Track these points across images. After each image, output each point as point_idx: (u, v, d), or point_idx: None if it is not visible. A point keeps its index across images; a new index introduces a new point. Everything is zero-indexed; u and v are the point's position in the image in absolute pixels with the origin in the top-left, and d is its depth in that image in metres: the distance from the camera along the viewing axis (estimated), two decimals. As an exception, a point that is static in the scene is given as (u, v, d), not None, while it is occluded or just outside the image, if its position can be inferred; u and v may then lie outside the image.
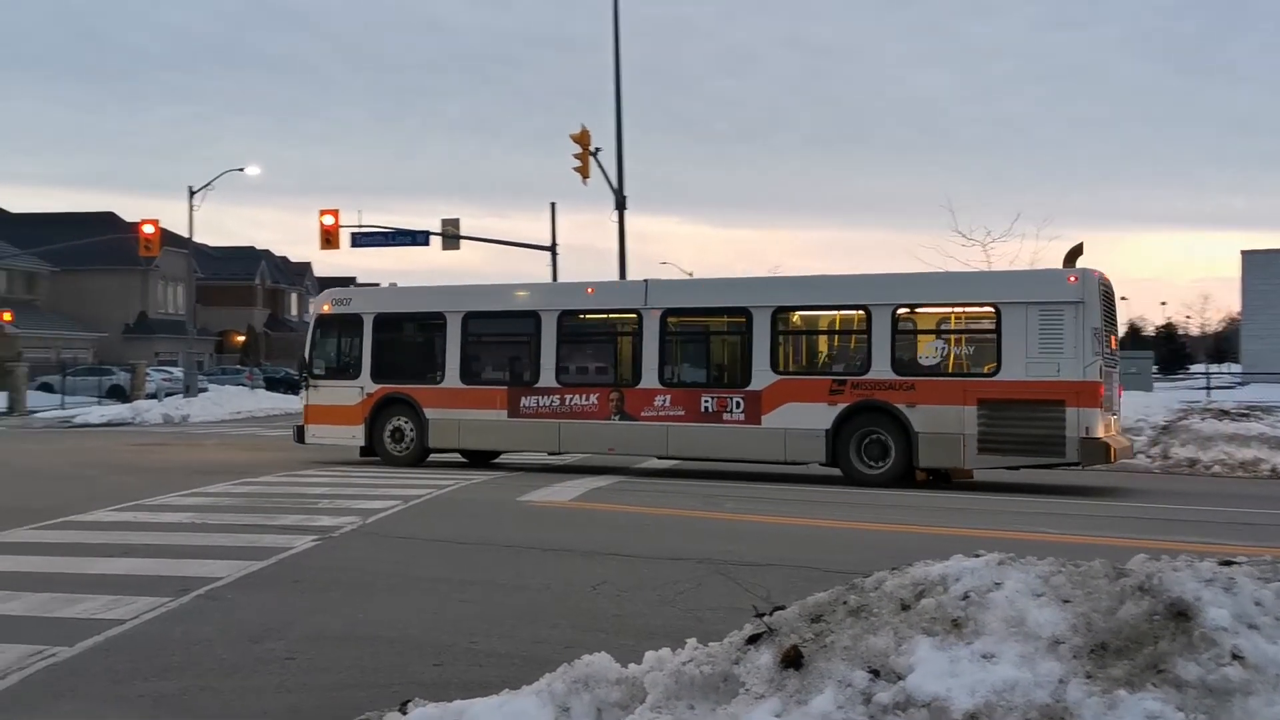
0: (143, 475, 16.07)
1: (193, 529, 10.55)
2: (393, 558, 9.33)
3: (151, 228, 35.66)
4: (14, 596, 7.45)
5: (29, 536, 10.08)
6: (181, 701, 5.35)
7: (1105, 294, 14.55)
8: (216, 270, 70.49)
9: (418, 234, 33.50)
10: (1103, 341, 14.09)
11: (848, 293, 16.05)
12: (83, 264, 58.54)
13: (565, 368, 17.09)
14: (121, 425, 31.62)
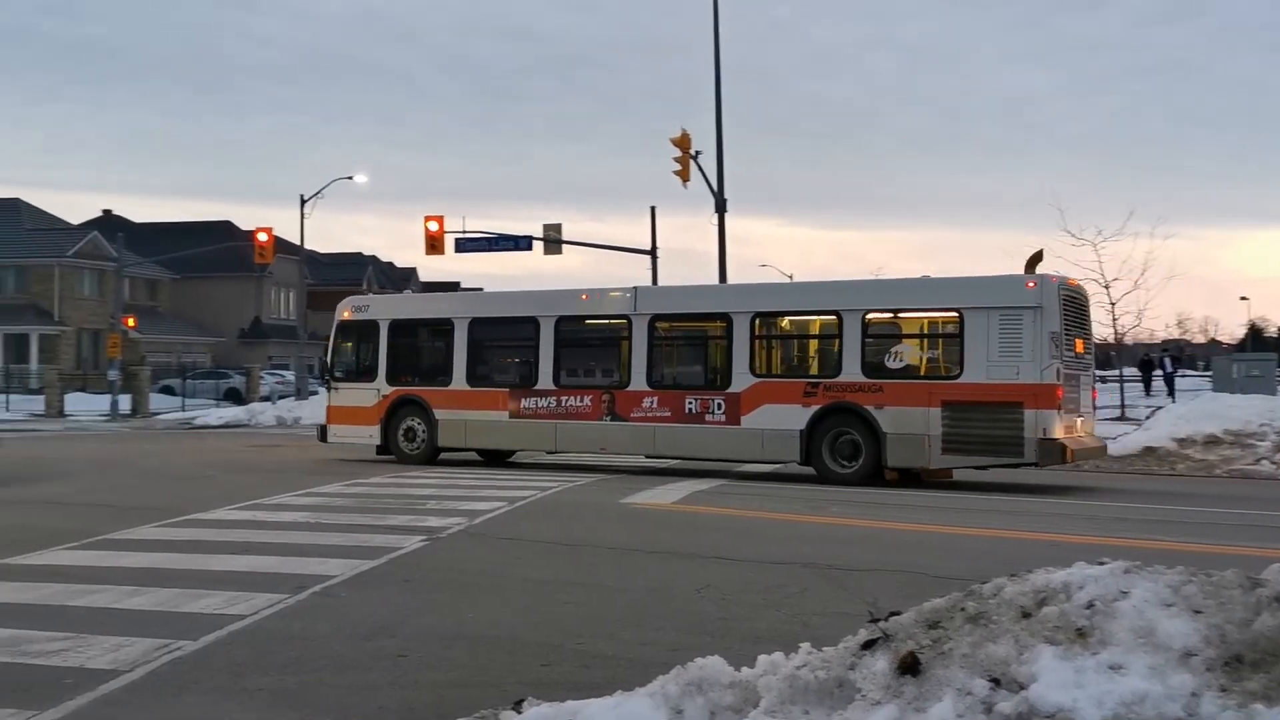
0: (259, 475, 16.59)
1: (308, 528, 10.84)
2: (499, 558, 9.45)
3: (265, 235, 36.79)
4: (140, 591, 7.73)
5: (154, 534, 10.48)
6: (300, 695, 5.49)
7: (1068, 299, 14.98)
8: (326, 276, 72.36)
9: (520, 239, 33.94)
10: (1062, 345, 14.42)
11: (821, 299, 16.69)
12: (201, 271, 60.73)
13: (561, 371, 17.83)
14: (238, 427, 32.72)
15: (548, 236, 33.40)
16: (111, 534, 10.34)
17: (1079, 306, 15.63)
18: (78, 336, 55.45)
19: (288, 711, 5.27)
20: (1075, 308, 15.35)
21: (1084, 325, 15.79)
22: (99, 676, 5.67)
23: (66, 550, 9.50)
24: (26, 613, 7.09)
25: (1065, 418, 14.50)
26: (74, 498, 13.77)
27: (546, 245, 33.48)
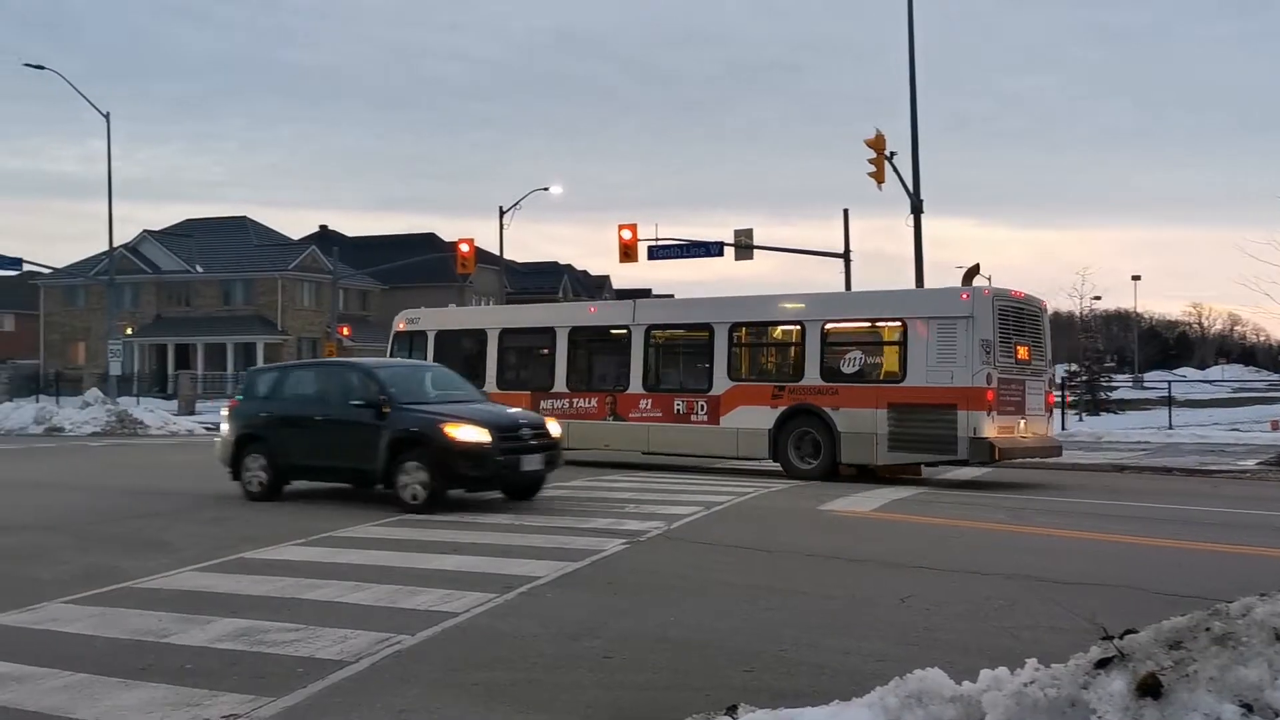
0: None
1: (512, 530, 11.17)
2: (699, 562, 9.49)
3: (467, 246, 38.16)
4: (362, 587, 8.15)
5: (373, 532, 11.03)
6: (511, 692, 5.66)
7: (1005, 310, 16.11)
8: (523, 284, 74.61)
9: (711, 245, 34.01)
10: (995, 352, 15.52)
11: (786, 310, 18.24)
12: (408, 281, 63.59)
13: (573, 375, 19.85)
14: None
15: (739, 242, 33.33)
16: (334, 531, 10.94)
17: (1020, 316, 16.67)
18: (298, 344, 59.08)
19: (501, 707, 5.44)
20: (1015, 318, 16.44)
21: (1028, 333, 16.76)
22: (328, 666, 6.01)
23: (296, 546, 10.12)
24: (262, 604, 7.58)
25: (999, 419, 15.62)
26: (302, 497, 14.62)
27: (737, 251, 33.41)
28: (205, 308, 59.93)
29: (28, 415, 33.95)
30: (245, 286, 59.68)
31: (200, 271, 59.21)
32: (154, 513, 12.84)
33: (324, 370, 15.08)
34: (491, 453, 12.40)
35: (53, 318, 63.24)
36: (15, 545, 10.40)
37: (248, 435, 14.09)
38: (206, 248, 61.35)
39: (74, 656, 6.24)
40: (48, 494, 15.23)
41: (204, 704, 5.36)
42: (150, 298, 60.70)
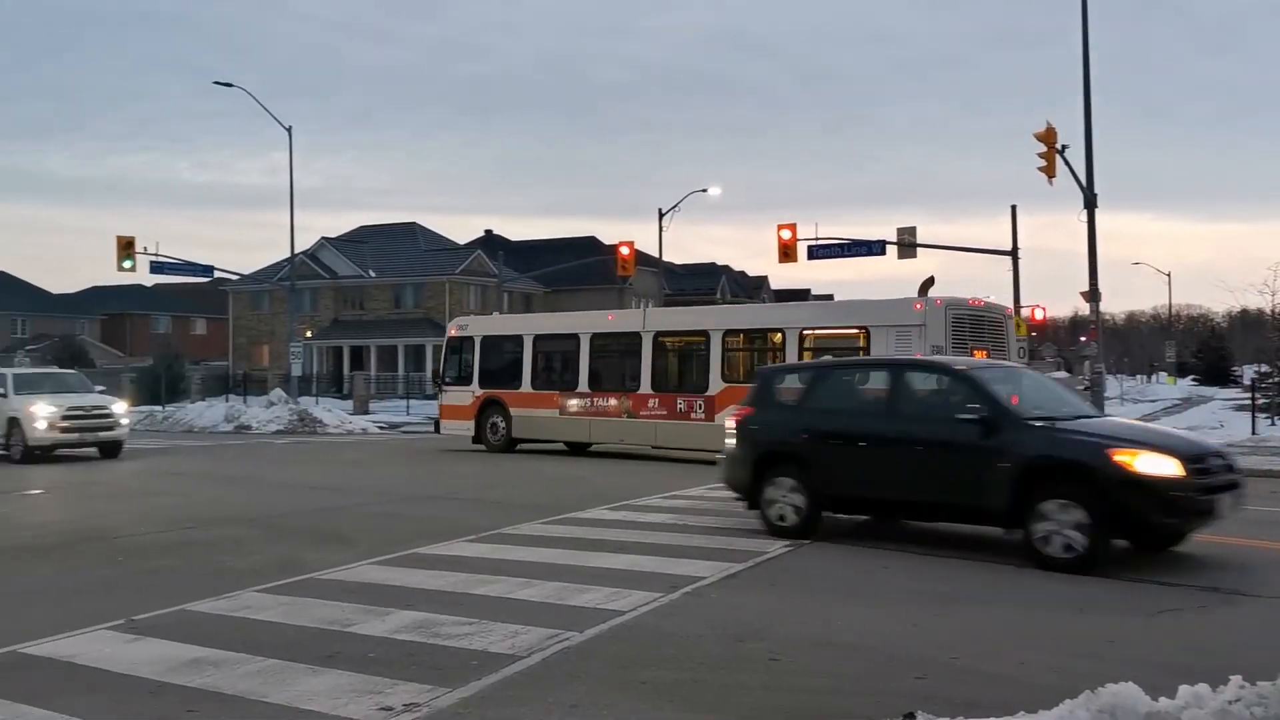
0: (623, 478, 17.38)
1: (675, 529, 11.24)
2: (864, 566, 9.35)
3: (627, 249, 38.57)
4: (530, 584, 8.34)
5: (540, 530, 11.28)
6: (678, 691, 5.70)
7: (958, 318, 17.69)
8: (682, 286, 74.91)
9: (873, 244, 33.41)
10: (944, 353, 16.71)
11: (770, 318, 20.99)
12: (569, 284, 64.77)
13: (594, 376, 21.88)
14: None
15: (901, 240, 32.63)
16: (504, 529, 11.23)
17: (979, 323, 18.23)
18: (464, 347, 60.79)
19: (669, 706, 5.48)
20: (971, 324, 18.00)
21: (987, 338, 18.21)
22: (500, 660, 6.18)
23: (467, 542, 10.44)
24: (437, 598, 7.85)
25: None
26: (469, 494, 15.08)
27: (900, 249, 32.71)
28: (378, 311, 62.36)
29: (219, 414, 36.09)
30: (415, 290, 61.82)
31: (373, 276, 61.62)
32: (334, 507, 13.45)
33: (887, 371, 11.35)
34: (1187, 491, 8.95)
35: (240, 321, 66.90)
36: (214, 537, 11.07)
37: (774, 454, 11.27)
38: (379, 253, 63.82)
39: (265, 643, 6.59)
40: (240, 489, 16.14)
41: (385, 692, 5.58)
42: (328, 302, 63.55)
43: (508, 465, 20.33)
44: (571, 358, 22.37)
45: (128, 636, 6.79)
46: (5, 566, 9.44)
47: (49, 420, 21.31)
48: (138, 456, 22.61)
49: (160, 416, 38.44)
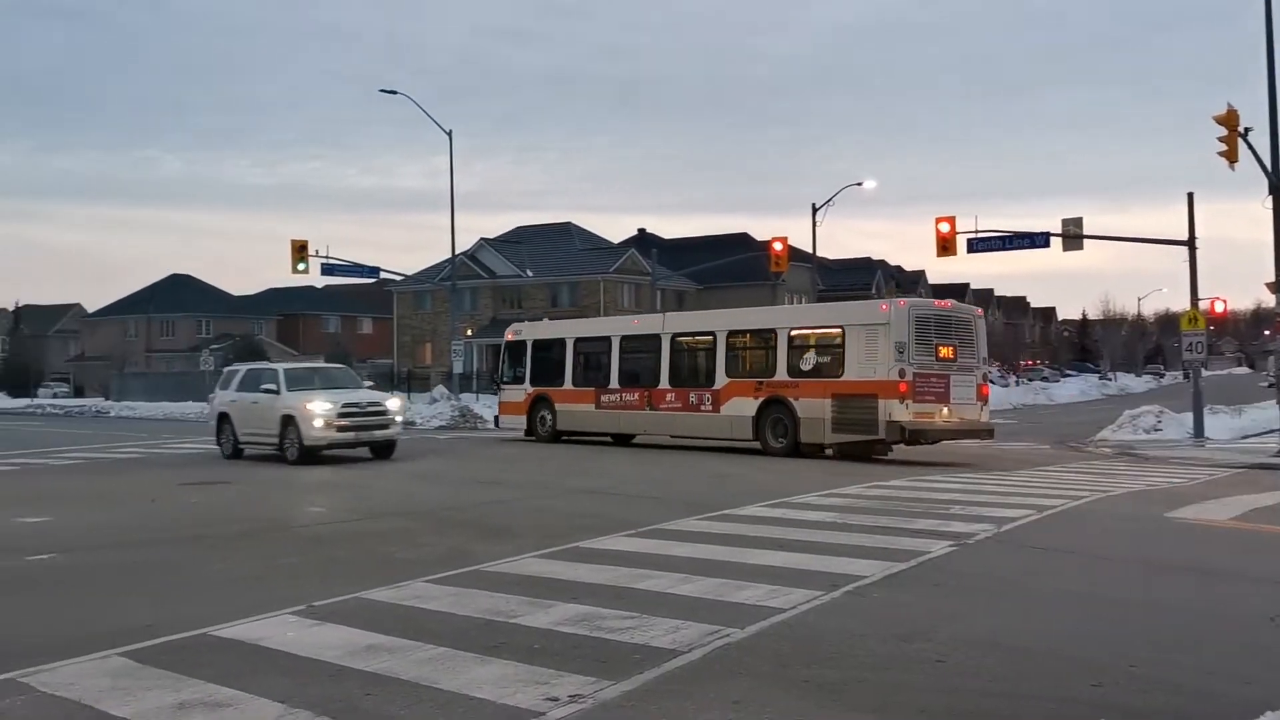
0: (779, 475, 17.27)
1: (834, 528, 11.11)
2: (1032, 568, 9.06)
3: (780, 245, 38.28)
4: (690, 579, 8.38)
5: (697, 526, 11.32)
6: (841, 690, 5.64)
7: (922, 319, 19.60)
8: (836, 282, 74.01)
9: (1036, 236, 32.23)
10: (909, 352, 18.99)
11: (764, 320, 23.07)
12: (722, 281, 64.74)
13: (623, 374, 24.56)
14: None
15: (1067, 231, 31.37)
16: (662, 524, 11.32)
17: (945, 323, 20.03)
18: (618, 344, 61.52)
19: (832, 704, 5.43)
20: (936, 324, 19.80)
21: (953, 337, 19.99)
22: (662, 655, 6.23)
23: (626, 537, 10.56)
24: (600, 591, 7.97)
25: (914, 406, 18.99)
26: (626, 490, 15.25)
27: (1065, 241, 31.45)
28: (534, 309, 63.63)
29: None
30: (570, 289, 62.89)
31: (530, 275, 62.97)
32: (497, 501, 13.81)
33: None
34: None
35: (404, 321, 69.33)
36: (384, 529, 11.52)
37: None
38: (536, 253, 65.18)
39: (435, 631, 6.82)
40: (408, 483, 16.73)
41: (551, 683, 5.69)
42: (487, 301, 65.26)
43: (665, 462, 20.48)
44: (605, 358, 25.12)
45: (309, 622, 7.13)
46: (198, 554, 10.04)
47: (325, 418, 19.75)
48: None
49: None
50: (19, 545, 10.57)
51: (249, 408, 21.15)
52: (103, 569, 9.31)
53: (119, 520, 12.52)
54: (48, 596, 8.17)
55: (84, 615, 7.45)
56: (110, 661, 6.17)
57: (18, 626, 7.12)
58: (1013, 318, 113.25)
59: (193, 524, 12.07)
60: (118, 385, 65.88)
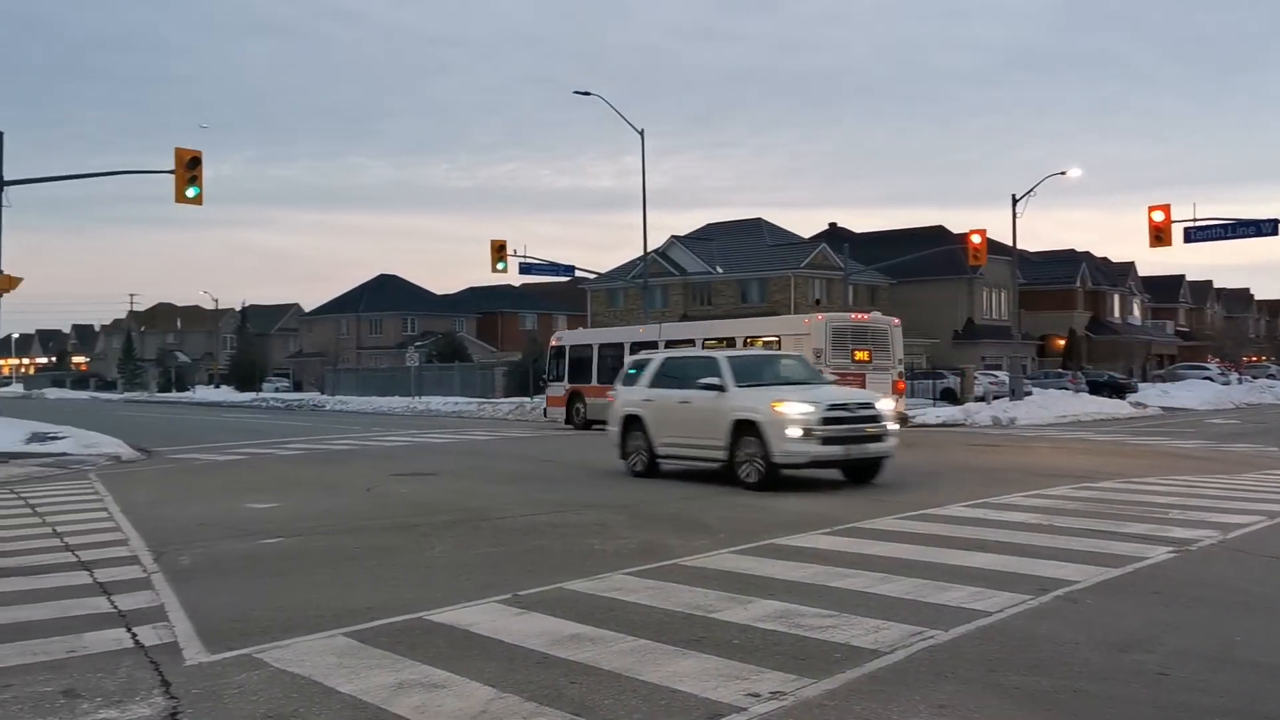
0: (980, 474, 16.74)
1: (1039, 530, 10.68)
2: (1267, 578, 8.47)
3: (979, 238, 37.09)
4: (889, 579, 8.23)
5: (895, 525, 11.09)
6: (1055, 699, 5.42)
7: (839, 328, 26.09)
8: (1037, 275, 71.02)
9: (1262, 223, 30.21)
10: (826, 356, 24.80)
11: (728, 330, 29.24)
12: (916, 275, 63.22)
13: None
14: (954, 426, 33.35)
15: (1298, 217, 29.18)
16: (859, 523, 11.16)
17: (862, 332, 26.06)
18: (808, 341, 60.90)
19: (1044, 713, 5.22)
20: (853, 333, 25.88)
21: (869, 343, 25.94)
22: (863, 654, 6.15)
23: (822, 535, 10.46)
24: (797, 589, 7.93)
25: None
26: (821, 487, 15.08)
27: (1297, 227, 29.28)
28: (724, 306, 63.73)
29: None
30: (760, 285, 62.65)
31: (720, 272, 63.08)
32: (691, 496, 13.91)
33: None
34: None
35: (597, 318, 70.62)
36: (583, 521, 11.80)
37: None
38: (725, 249, 65.24)
39: (636, 623, 6.94)
40: (596, 476, 17.05)
41: (751, 678, 5.70)
42: (678, 297, 65.76)
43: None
44: (620, 360, 28.70)
45: (515, 610, 7.38)
46: (411, 542, 10.53)
47: (804, 424, 14.20)
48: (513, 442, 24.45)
49: (529, 407, 41.40)
50: (251, 529, 11.37)
51: (674, 409, 16.24)
52: (325, 553, 9.89)
53: (338, 507, 13.28)
54: (277, 578, 8.74)
55: (310, 596, 7.93)
56: (335, 640, 6.56)
57: (252, 605, 7.64)
58: (1234, 311, 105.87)
59: (404, 513, 12.67)
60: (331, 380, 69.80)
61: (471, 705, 5.30)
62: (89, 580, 8.60)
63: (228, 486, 16.12)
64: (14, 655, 6.26)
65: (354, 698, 5.41)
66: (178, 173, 22.82)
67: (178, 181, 22.85)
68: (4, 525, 11.98)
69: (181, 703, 5.37)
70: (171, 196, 23.58)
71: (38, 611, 7.42)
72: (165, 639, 6.64)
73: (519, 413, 41.29)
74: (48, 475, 18.86)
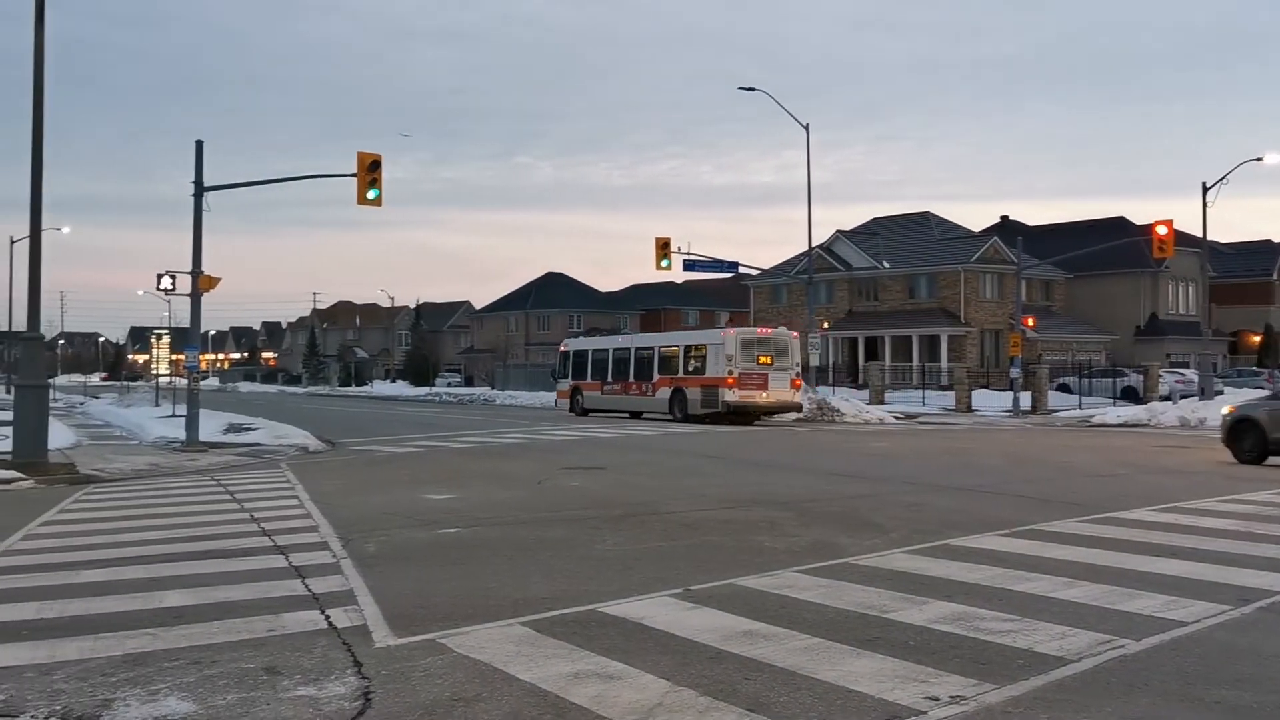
0: (1169, 477, 15.94)
1: (1238, 536, 10.09)
2: None
3: (1165, 229, 35.22)
4: (1074, 584, 7.91)
5: (1078, 528, 10.67)
6: (1260, 715, 5.12)
7: (746, 340, 33.26)
8: (1229, 267, 67.02)
9: None
10: (736, 360, 32.24)
11: (674, 340, 36.75)
12: (1094, 269, 60.53)
13: (613, 372, 37.79)
14: (1136, 426, 31.84)
15: None
16: (1039, 525, 10.78)
17: (766, 343, 33.44)
18: (980, 336, 59.13)
19: (1249, 731, 4.94)
20: (758, 344, 33.18)
21: (771, 350, 33.13)
22: (1048, 661, 5.93)
23: (999, 536, 10.15)
24: (974, 591, 7.72)
25: (740, 392, 31.99)
26: (997, 488, 14.66)
27: None
28: (891, 302, 62.50)
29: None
30: (928, 280, 61.13)
31: (886, 267, 61.86)
32: (860, 495, 13.71)
33: None
34: None
35: (761, 315, 70.27)
36: (752, 518, 11.77)
37: None
38: (892, 244, 63.91)
39: (808, 621, 6.88)
40: (769, 474, 17.00)
41: (930, 681, 5.58)
42: (842, 294, 64.83)
43: (1037, 458, 19.46)
44: (604, 361, 38.58)
45: (687, 604, 7.42)
46: (582, 534, 10.72)
47: None
48: (676, 438, 24.57)
49: (692, 404, 41.47)
50: (430, 519, 11.79)
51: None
52: (501, 544, 10.17)
53: (511, 500, 13.63)
54: (456, 566, 9.04)
55: (488, 585, 8.18)
56: (513, 629, 6.74)
57: (434, 592, 7.93)
58: None
59: (575, 506, 12.91)
60: (501, 375, 71.68)
61: (647, 697, 5.36)
62: (285, 564, 9.08)
63: (407, 478, 16.75)
64: (221, 633, 6.67)
65: (533, 685, 5.55)
66: (359, 176, 23.74)
67: (359, 184, 23.77)
68: (208, 511, 12.78)
69: (373, 683, 5.62)
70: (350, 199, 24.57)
71: (239, 592, 7.88)
72: (355, 622, 6.96)
73: (683, 409, 41.53)
74: (243, 464, 20.02)
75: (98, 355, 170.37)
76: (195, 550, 9.78)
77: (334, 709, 5.20)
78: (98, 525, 11.69)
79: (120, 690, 5.50)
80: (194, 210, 24.49)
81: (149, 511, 12.80)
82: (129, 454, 21.97)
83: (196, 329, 25.62)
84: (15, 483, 16.36)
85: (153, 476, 17.85)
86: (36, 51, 18.76)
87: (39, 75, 18.79)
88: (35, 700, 5.36)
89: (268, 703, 5.30)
